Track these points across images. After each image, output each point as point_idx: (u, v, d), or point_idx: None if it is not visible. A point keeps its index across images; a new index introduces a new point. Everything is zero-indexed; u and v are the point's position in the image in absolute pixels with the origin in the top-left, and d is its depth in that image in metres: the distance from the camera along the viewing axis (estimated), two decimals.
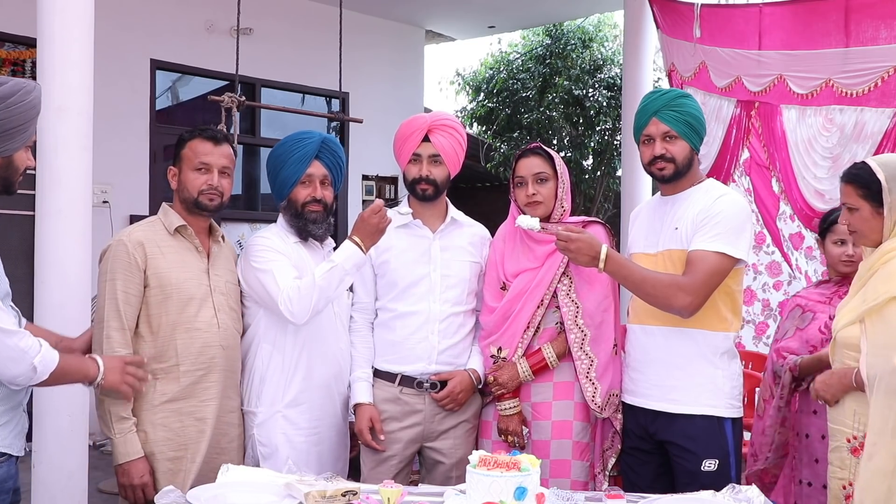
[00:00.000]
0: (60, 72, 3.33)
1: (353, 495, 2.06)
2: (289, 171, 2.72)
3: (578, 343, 2.73)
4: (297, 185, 2.72)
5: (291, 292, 2.56)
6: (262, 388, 2.67)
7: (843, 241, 2.94)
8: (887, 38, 4.19)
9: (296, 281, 2.59)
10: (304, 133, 2.78)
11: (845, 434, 2.30)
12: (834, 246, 2.98)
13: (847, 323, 2.29)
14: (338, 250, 2.65)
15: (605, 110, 9.32)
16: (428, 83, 9.01)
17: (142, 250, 2.50)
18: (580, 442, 2.76)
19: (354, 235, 2.62)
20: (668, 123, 2.60)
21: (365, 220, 2.62)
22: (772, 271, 4.92)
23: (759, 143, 4.89)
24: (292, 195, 2.73)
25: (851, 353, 2.29)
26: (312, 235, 2.75)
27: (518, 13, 8.22)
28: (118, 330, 2.46)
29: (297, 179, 2.72)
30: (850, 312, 2.30)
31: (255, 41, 6.61)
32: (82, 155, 3.39)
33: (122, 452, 2.43)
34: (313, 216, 2.73)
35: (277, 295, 2.56)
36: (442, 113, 2.96)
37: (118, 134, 6.07)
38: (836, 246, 2.97)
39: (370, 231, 2.61)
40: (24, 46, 5.80)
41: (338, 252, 2.64)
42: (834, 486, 2.35)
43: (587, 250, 2.47)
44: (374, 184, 7.96)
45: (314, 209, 2.73)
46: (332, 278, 2.58)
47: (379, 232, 2.63)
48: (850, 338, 2.29)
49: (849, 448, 2.28)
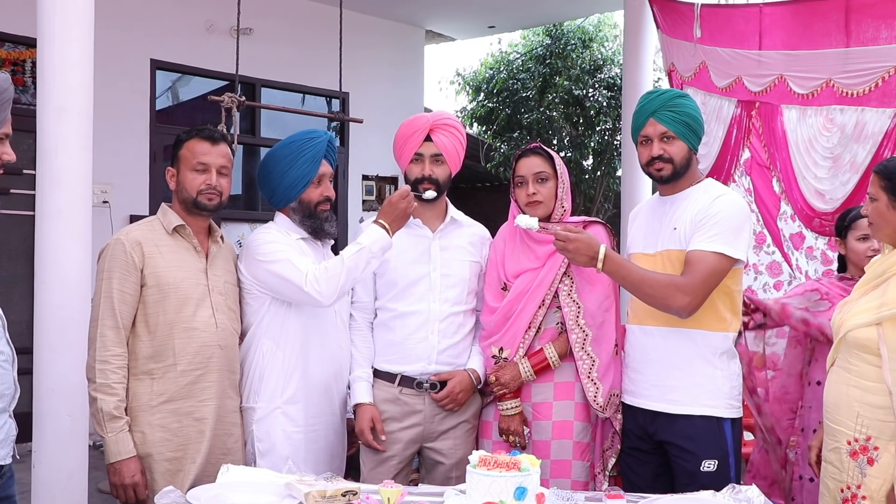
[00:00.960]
0: (60, 72, 3.33)
1: (353, 495, 2.06)
2: (301, 171, 2.70)
3: (580, 343, 2.73)
4: (309, 185, 2.71)
5: (318, 273, 2.56)
6: (261, 384, 2.67)
7: (866, 237, 2.92)
8: (888, 38, 4.19)
9: (321, 263, 2.61)
10: (310, 132, 2.76)
11: (846, 436, 2.28)
12: (858, 242, 2.97)
13: (861, 324, 2.27)
14: (364, 233, 2.65)
15: (605, 110, 9.32)
16: (428, 83, 9.01)
17: (139, 249, 2.50)
18: (581, 442, 2.76)
19: (381, 219, 2.64)
20: (666, 124, 2.60)
21: (393, 203, 2.64)
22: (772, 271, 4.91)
23: (759, 143, 4.88)
24: (304, 196, 2.72)
25: (865, 355, 2.26)
26: (328, 234, 2.76)
27: (518, 13, 8.22)
28: (112, 329, 2.46)
29: (311, 180, 2.71)
30: (865, 314, 2.27)
31: (255, 41, 6.61)
32: (82, 155, 3.39)
33: (113, 451, 2.43)
34: (325, 215, 2.74)
35: (301, 278, 2.56)
36: (443, 112, 2.96)
37: (118, 134, 6.08)
38: (860, 242, 2.96)
39: (398, 215, 2.64)
40: (24, 46, 5.80)
41: (365, 235, 2.64)
42: (831, 486, 2.34)
43: (585, 250, 2.47)
44: (374, 184, 7.96)
45: (326, 209, 2.74)
46: (359, 260, 2.59)
47: (405, 216, 2.66)
48: (865, 339, 2.25)
49: (848, 451, 2.27)
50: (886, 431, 2.18)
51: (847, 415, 2.28)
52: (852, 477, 2.23)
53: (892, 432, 2.17)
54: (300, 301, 2.63)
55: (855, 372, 2.27)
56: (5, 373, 2.00)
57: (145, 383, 2.49)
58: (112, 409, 2.42)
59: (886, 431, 2.18)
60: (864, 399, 2.23)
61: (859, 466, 2.22)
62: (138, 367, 2.50)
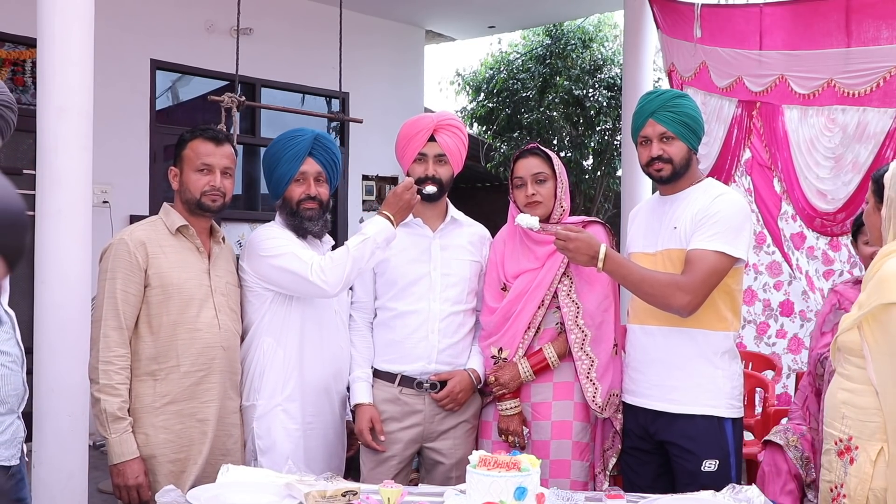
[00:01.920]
0: (60, 72, 3.33)
1: (353, 495, 2.06)
2: (283, 170, 2.73)
3: (579, 343, 2.73)
4: (291, 183, 2.72)
5: (324, 262, 2.57)
6: (262, 381, 2.66)
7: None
8: (888, 38, 4.19)
9: (326, 254, 2.62)
10: (296, 131, 2.78)
11: (834, 437, 2.30)
12: (865, 246, 3.02)
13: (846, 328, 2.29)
14: (369, 224, 2.66)
15: (605, 110, 9.32)
16: (428, 83, 9.01)
17: (143, 250, 2.49)
18: (580, 442, 2.76)
19: (385, 210, 2.64)
20: (665, 124, 2.60)
21: (398, 195, 2.64)
22: (772, 271, 4.91)
23: (760, 143, 4.88)
24: (287, 193, 2.73)
25: (852, 358, 2.28)
26: (309, 233, 2.75)
27: (518, 13, 8.22)
28: (116, 329, 2.45)
29: (291, 177, 2.72)
30: (849, 318, 2.30)
31: (255, 41, 6.61)
32: (82, 155, 3.39)
33: (117, 453, 2.42)
34: (308, 213, 2.73)
35: (306, 269, 2.56)
36: (446, 113, 2.96)
37: (118, 134, 6.07)
38: (866, 246, 3.01)
39: (402, 206, 2.64)
40: (24, 46, 5.80)
41: (369, 225, 2.64)
42: (823, 487, 2.35)
43: (586, 250, 2.47)
44: (374, 184, 7.96)
45: (309, 206, 2.73)
46: (364, 250, 2.60)
47: (409, 208, 2.67)
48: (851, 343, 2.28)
49: (836, 451, 2.28)
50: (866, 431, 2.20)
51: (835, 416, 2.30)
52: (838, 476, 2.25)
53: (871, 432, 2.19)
54: (306, 292, 2.63)
55: (846, 376, 2.29)
56: (13, 374, 1.99)
57: (148, 384, 2.49)
58: (116, 411, 2.42)
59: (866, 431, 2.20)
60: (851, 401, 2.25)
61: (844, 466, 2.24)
62: (141, 368, 2.49)
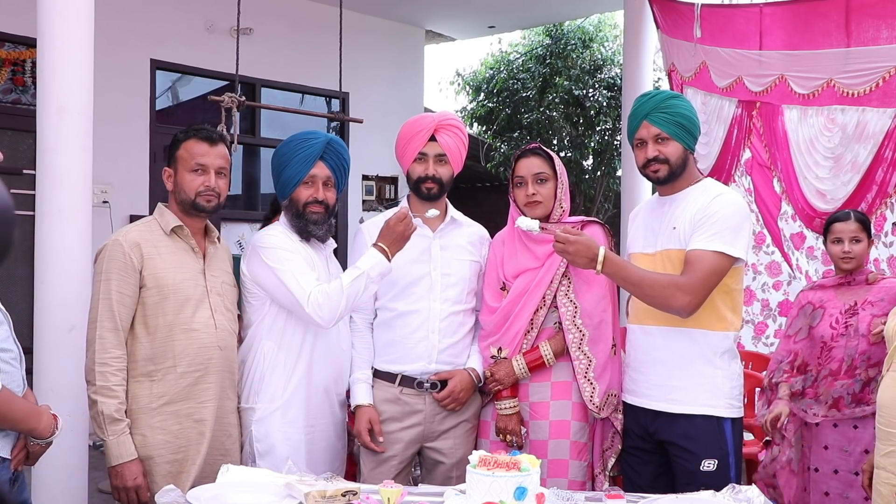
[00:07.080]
0: (60, 72, 3.33)
1: (353, 495, 2.06)
2: (292, 171, 2.71)
3: (577, 343, 2.73)
4: (299, 185, 2.71)
5: (320, 297, 2.56)
6: (262, 385, 2.66)
7: (839, 240, 3.27)
8: (888, 38, 4.20)
9: (322, 285, 2.60)
10: (309, 133, 2.77)
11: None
12: (832, 245, 3.31)
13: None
14: (364, 258, 2.64)
15: (605, 110, 9.32)
16: (428, 83, 9.01)
17: (138, 251, 2.48)
18: (578, 442, 2.76)
19: (380, 242, 2.63)
20: (659, 125, 2.59)
21: (391, 227, 2.63)
22: (771, 271, 4.92)
23: (760, 143, 4.89)
24: (294, 195, 2.72)
25: None
26: (313, 236, 2.75)
27: (518, 13, 8.22)
28: (111, 330, 2.44)
29: (300, 180, 2.71)
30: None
31: (255, 41, 6.61)
32: (82, 155, 3.39)
33: (115, 454, 2.42)
34: (314, 217, 2.72)
35: (304, 298, 2.56)
36: (447, 113, 2.96)
37: (118, 134, 6.08)
38: (833, 245, 3.31)
39: (396, 238, 2.63)
40: (24, 46, 5.80)
41: (364, 259, 2.63)
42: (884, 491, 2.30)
43: (585, 252, 2.47)
44: (374, 184, 7.96)
45: (315, 210, 2.72)
46: (358, 286, 2.59)
47: (404, 239, 2.64)
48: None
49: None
50: None
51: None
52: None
53: None
54: (298, 316, 2.63)
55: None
56: (14, 370, 2.01)
57: (144, 385, 2.48)
58: (113, 412, 2.41)
59: None
60: None
61: None
62: (137, 369, 2.48)
